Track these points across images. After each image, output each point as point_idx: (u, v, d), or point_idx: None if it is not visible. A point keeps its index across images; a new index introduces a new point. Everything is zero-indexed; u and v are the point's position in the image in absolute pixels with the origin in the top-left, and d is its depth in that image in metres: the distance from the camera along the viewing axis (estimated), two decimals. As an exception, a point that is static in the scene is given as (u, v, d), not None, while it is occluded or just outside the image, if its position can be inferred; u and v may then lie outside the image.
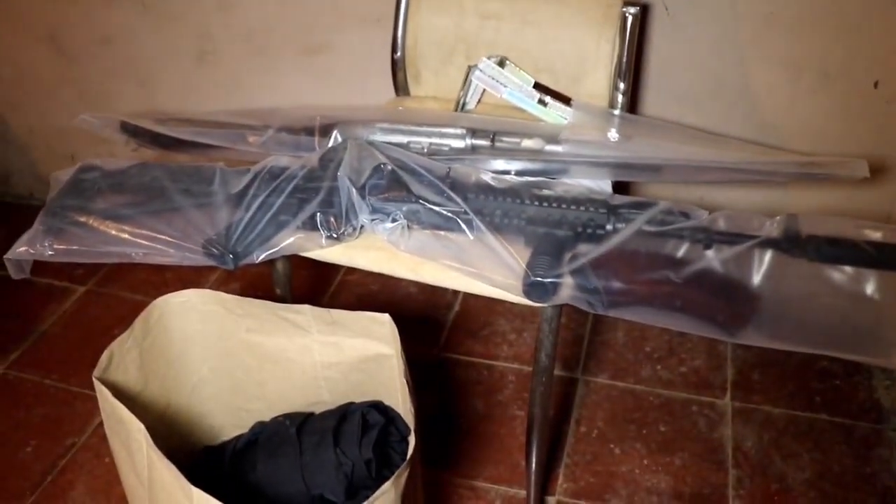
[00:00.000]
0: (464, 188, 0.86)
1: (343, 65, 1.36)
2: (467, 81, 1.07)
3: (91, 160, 0.98)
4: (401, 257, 0.86)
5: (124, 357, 0.85)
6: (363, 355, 0.88)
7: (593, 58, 1.07)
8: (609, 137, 0.98)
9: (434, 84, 1.17)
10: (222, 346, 0.94)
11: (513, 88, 1.04)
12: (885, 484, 1.08)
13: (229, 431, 1.02)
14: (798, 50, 1.16)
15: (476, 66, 1.06)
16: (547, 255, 0.80)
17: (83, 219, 0.89)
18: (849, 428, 1.17)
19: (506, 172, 0.92)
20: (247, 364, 0.95)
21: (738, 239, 0.80)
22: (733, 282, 0.81)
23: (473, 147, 0.95)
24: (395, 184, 0.87)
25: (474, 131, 0.95)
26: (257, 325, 0.90)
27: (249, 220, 0.86)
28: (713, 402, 1.22)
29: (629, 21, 1.03)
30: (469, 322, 1.39)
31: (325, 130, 0.97)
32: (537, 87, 1.05)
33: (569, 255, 0.81)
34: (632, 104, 1.22)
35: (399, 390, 0.84)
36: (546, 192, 0.86)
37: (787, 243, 0.80)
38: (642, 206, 0.84)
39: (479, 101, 1.09)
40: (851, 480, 1.09)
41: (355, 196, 0.86)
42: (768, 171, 0.92)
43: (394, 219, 0.85)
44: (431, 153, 0.94)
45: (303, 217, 0.86)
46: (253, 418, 1.00)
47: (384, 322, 0.84)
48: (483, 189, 0.87)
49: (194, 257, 0.85)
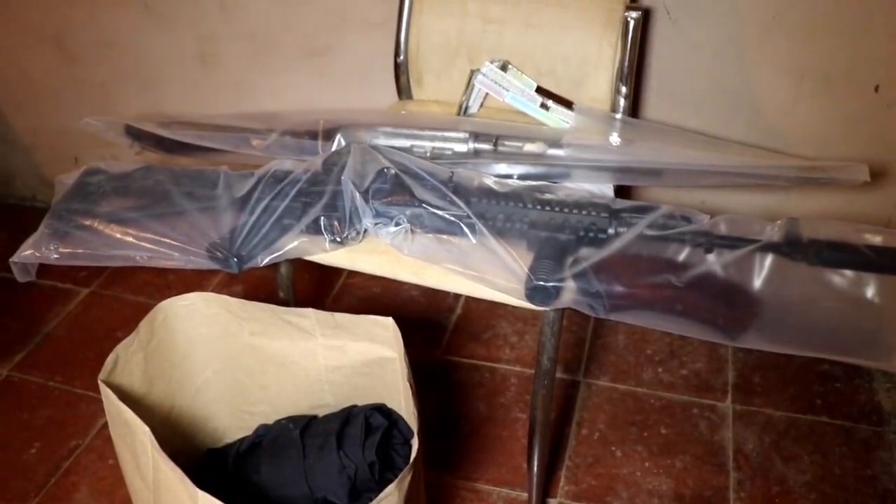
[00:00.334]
0: (467, 192, 0.87)
1: (346, 68, 1.37)
2: (470, 85, 1.07)
3: (95, 164, 0.99)
4: (404, 261, 0.86)
5: (129, 360, 0.86)
6: (367, 358, 0.89)
7: (595, 62, 1.07)
8: (611, 141, 0.98)
9: (437, 87, 1.17)
10: (226, 349, 0.94)
11: (515, 92, 1.05)
12: (886, 487, 1.09)
13: (233, 434, 1.02)
14: (800, 54, 1.17)
15: (479, 70, 1.06)
16: (549, 259, 0.80)
17: (88, 222, 0.90)
18: (849, 430, 1.17)
19: (508, 176, 0.92)
20: (250, 367, 0.95)
21: (739, 243, 0.81)
22: (734, 286, 0.81)
23: (476, 151, 0.96)
24: (399, 188, 0.87)
25: (477, 135, 0.96)
26: (261, 328, 0.90)
27: (253, 224, 0.87)
28: (714, 405, 1.23)
29: (631, 25, 1.04)
30: (471, 325, 1.40)
31: (329, 134, 0.98)
32: (539, 90, 1.06)
33: (571, 259, 0.81)
34: (634, 108, 1.23)
35: (402, 393, 0.84)
36: (548, 196, 0.87)
37: (787, 247, 0.81)
38: (644, 210, 0.85)
39: (481, 104, 1.10)
40: (852, 483, 1.10)
41: (359, 200, 0.86)
42: (769, 175, 0.93)
43: (397, 223, 0.86)
44: (434, 157, 0.95)
45: (307, 221, 0.87)
46: (256, 421, 1.01)
47: (387, 326, 0.84)
48: (486, 193, 0.87)
49: (198, 261, 0.86)
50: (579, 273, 0.79)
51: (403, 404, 0.87)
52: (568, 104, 1.06)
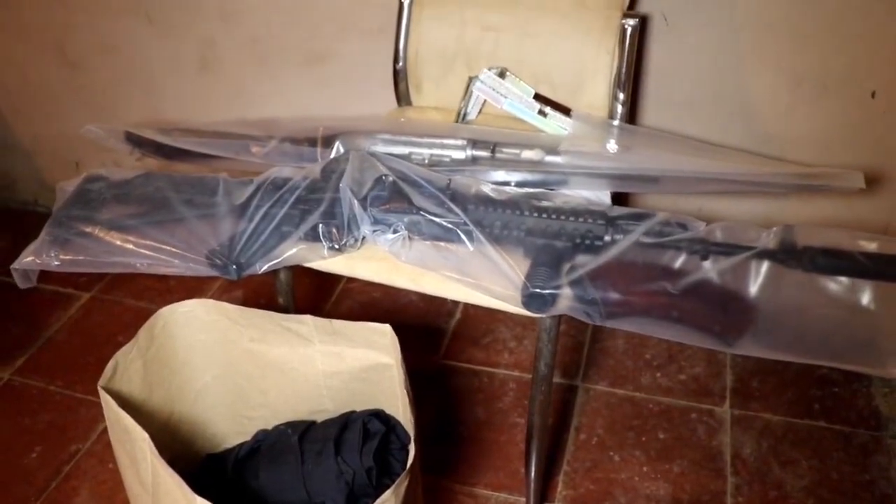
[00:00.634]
0: (464, 199, 0.87)
1: (345, 74, 1.37)
2: (468, 92, 1.08)
3: (96, 171, 1.00)
4: (402, 268, 0.87)
5: (129, 367, 0.86)
6: (364, 365, 0.89)
7: (592, 69, 1.08)
8: (608, 148, 0.99)
9: (435, 94, 1.18)
10: (225, 355, 0.95)
11: (513, 99, 1.05)
12: (883, 491, 1.09)
13: (232, 439, 1.03)
14: (797, 60, 1.17)
15: (477, 77, 1.07)
16: (545, 267, 0.81)
17: (89, 229, 0.91)
18: (847, 435, 1.18)
19: (506, 183, 0.93)
20: (250, 372, 0.96)
21: (734, 250, 0.81)
22: (730, 293, 0.81)
23: (474, 158, 0.96)
24: (397, 195, 0.88)
25: (475, 142, 0.96)
26: (260, 335, 0.91)
27: (252, 231, 0.87)
28: (712, 410, 1.23)
29: (628, 32, 1.05)
30: (470, 329, 1.40)
31: (328, 141, 0.98)
32: (537, 97, 1.06)
33: (567, 267, 0.82)
34: (631, 114, 1.23)
35: (399, 399, 0.85)
36: (545, 204, 0.87)
37: (783, 254, 0.81)
38: (640, 217, 0.85)
39: (479, 111, 1.10)
40: (849, 488, 1.10)
41: (357, 207, 0.87)
42: (765, 182, 0.93)
43: (395, 230, 0.86)
44: (432, 164, 0.96)
45: (305, 228, 0.87)
46: (256, 426, 1.01)
47: (385, 332, 0.85)
48: (483, 200, 0.88)
49: (198, 268, 0.86)
50: (575, 280, 0.80)
51: (401, 410, 0.88)
52: (566, 111, 1.06)
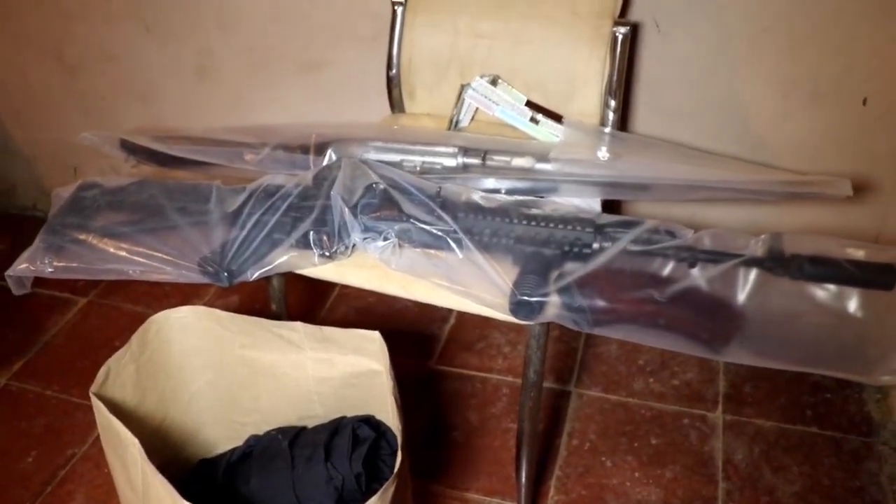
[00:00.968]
0: (454, 207, 0.88)
1: (340, 81, 1.38)
2: (460, 100, 1.08)
3: (91, 178, 1.01)
4: (392, 275, 0.88)
5: (121, 372, 0.87)
6: (355, 371, 0.90)
7: (584, 76, 1.08)
8: (599, 156, 0.99)
9: (429, 101, 1.18)
10: (218, 361, 0.96)
11: (505, 106, 1.06)
12: (874, 497, 1.09)
13: (224, 444, 1.04)
14: (788, 67, 1.18)
15: (469, 84, 1.08)
16: (534, 274, 0.81)
17: (82, 236, 0.92)
18: (839, 441, 1.18)
19: (496, 191, 0.94)
20: (242, 378, 0.97)
21: (722, 257, 0.81)
22: (717, 300, 0.82)
23: (465, 165, 0.97)
24: (387, 203, 0.89)
25: (466, 150, 0.97)
26: (251, 341, 0.92)
27: (244, 239, 0.88)
28: (705, 415, 1.24)
29: (619, 40, 1.05)
30: (464, 335, 1.41)
31: (320, 149, 0.99)
32: (529, 105, 1.07)
33: (555, 274, 0.82)
34: (623, 121, 1.24)
35: (389, 405, 0.85)
36: (534, 212, 0.88)
37: (770, 262, 0.81)
38: (629, 224, 0.85)
39: (472, 118, 1.11)
40: (840, 493, 1.10)
41: (348, 215, 0.87)
42: (754, 189, 0.94)
43: (385, 237, 0.87)
44: (424, 171, 0.96)
45: (296, 235, 0.88)
46: (248, 431, 1.02)
47: (374, 339, 0.86)
48: (473, 208, 0.88)
49: (190, 275, 0.87)
50: (563, 288, 0.80)
51: (391, 416, 0.88)
52: (557, 118, 1.07)
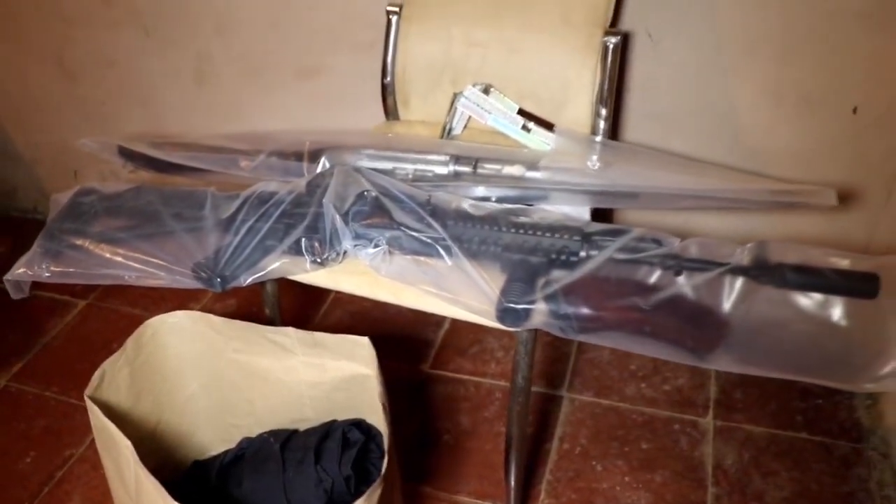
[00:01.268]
0: (444, 215, 0.89)
1: (336, 88, 1.40)
2: (453, 108, 1.10)
3: (89, 184, 1.02)
4: (382, 282, 0.89)
5: (116, 376, 0.89)
6: (345, 375, 0.91)
7: (576, 85, 1.10)
8: (589, 164, 1.00)
9: (422, 109, 1.20)
10: (212, 365, 0.97)
11: (497, 115, 1.07)
12: (863, 503, 1.10)
13: (218, 446, 1.05)
14: (779, 76, 1.19)
15: (461, 93, 1.09)
16: (520, 282, 0.82)
17: (79, 242, 0.93)
18: (828, 447, 1.19)
19: (486, 199, 0.95)
20: (235, 382, 0.98)
21: (708, 266, 0.82)
22: (703, 308, 0.83)
23: (456, 173, 0.98)
24: (378, 210, 0.90)
25: (458, 158, 0.98)
26: (244, 346, 0.93)
27: (237, 245, 0.90)
28: (695, 421, 1.25)
29: (610, 49, 1.06)
30: (458, 339, 1.42)
31: (314, 156, 1.00)
32: (521, 113, 1.08)
33: (542, 282, 0.83)
34: (614, 129, 1.25)
35: (379, 408, 0.87)
36: (523, 220, 0.89)
37: (756, 270, 0.82)
38: (616, 233, 0.86)
39: (465, 126, 1.12)
40: (829, 499, 1.11)
41: (339, 222, 0.89)
42: (740, 198, 0.95)
43: (376, 244, 0.88)
44: (416, 179, 0.97)
45: (289, 242, 0.89)
46: (241, 434, 1.03)
47: (364, 344, 0.87)
48: (462, 216, 0.89)
49: (184, 280, 0.89)
50: (550, 295, 0.81)
51: (381, 419, 0.90)
52: (549, 126, 1.08)
